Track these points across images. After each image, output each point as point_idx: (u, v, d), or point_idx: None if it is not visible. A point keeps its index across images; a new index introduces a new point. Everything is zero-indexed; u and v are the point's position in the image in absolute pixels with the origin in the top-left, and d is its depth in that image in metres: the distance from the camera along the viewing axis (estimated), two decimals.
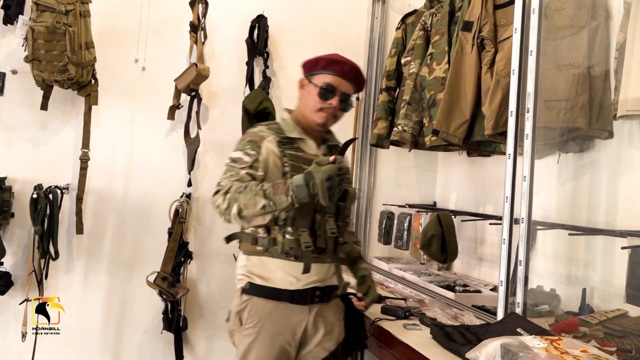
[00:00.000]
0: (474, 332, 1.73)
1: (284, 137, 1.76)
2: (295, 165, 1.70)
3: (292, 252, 1.67)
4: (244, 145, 1.72)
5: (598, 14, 1.94)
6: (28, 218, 2.60)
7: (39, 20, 2.46)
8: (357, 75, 1.80)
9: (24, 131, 2.72)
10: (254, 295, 1.72)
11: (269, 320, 1.69)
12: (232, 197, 1.58)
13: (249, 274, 1.73)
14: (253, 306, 1.71)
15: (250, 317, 1.70)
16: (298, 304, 1.71)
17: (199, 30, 2.90)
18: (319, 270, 1.72)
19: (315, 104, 1.76)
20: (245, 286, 1.73)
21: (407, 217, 2.95)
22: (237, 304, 1.75)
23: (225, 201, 1.59)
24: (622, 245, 1.68)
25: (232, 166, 1.69)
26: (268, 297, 1.70)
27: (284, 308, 1.71)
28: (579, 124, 1.91)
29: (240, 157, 1.69)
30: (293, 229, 1.66)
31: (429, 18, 2.65)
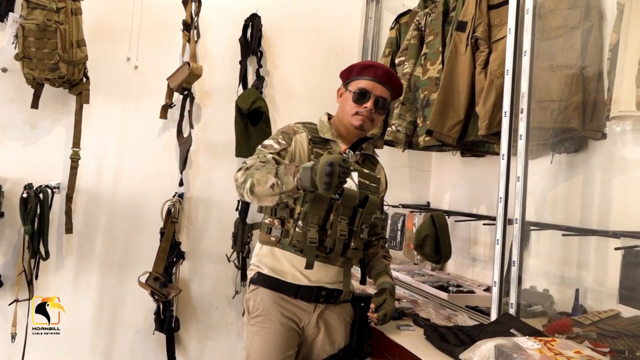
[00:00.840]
0: (468, 333, 1.72)
1: (317, 136, 1.80)
2: None
3: (298, 246, 1.68)
4: (277, 135, 1.78)
5: (591, 15, 1.94)
6: (18, 218, 2.57)
7: (29, 17, 2.43)
8: (390, 78, 1.83)
9: (14, 130, 2.69)
10: (260, 286, 1.75)
11: (274, 310, 1.72)
12: (250, 173, 1.59)
13: (259, 264, 1.78)
14: (259, 295, 1.75)
15: (256, 305, 1.74)
16: (302, 299, 1.74)
17: (191, 29, 2.87)
18: (326, 272, 1.75)
19: (351, 108, 1.79)
20: (254, 276, 1.78)
21: (400, 218, 2.95)
22: (247, 292, 1.81)
23: (243, 176, 1.61)
24: (615, 246, 1.68)
25: (260, 150, 1.73)
26: (273, 288, 1.74)
27: (287, 301, 1.74)
28: (572, 125, 1.91)
29: (271, 144, 1.73)
30: (304, 223, 1.67)
31: (423, 18, 2.65)
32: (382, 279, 1.87)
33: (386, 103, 1.83)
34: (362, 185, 1.77)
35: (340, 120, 1.85)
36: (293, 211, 1.70)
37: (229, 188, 3.02)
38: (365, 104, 1.78)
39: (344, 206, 1.69)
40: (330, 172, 1.42)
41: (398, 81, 1.88)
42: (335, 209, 1.68)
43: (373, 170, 1.89)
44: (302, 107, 3.12)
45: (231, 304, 3.03)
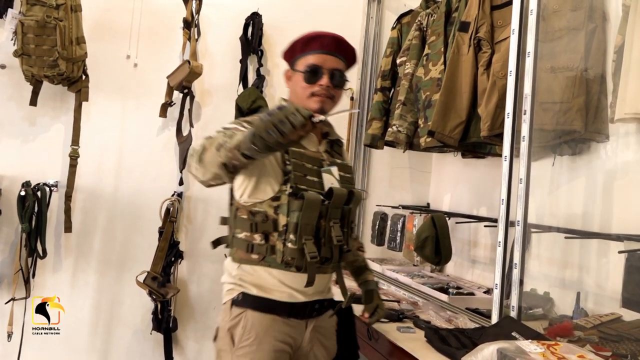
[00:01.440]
0: (469, 336, 1.71)
1: None
2: (299, 163, 1.50)
3: (293, 263, 1.46)
4: (240, 121, 1.50)
5: (595, 17, 1.93)
6: (15, 216, 2.55)
7: (28, 14, 2.41)
8: (341, 46, 1.61)
9: (12, 127, 2.67)
10: (248, 308, 1.49)
11: (268, 336, 1.47)
12: (205, 142, 1.36)
13: (242, 283, 1.51)
14: (248, 321, 1.48)
15: (245, 333, 1.47)
16: (296, 318, 1.52)
17: (192, 27, 2.86)
18: (320, 282, 1.54)
19: (304, 90, 1.56)
20: (237, 297, 1.50)
21: (400, 219, 2.93)
22: (228, 319, 1.50)
23: (195, 152, 1.36)
24: (618, 249, 1.67)
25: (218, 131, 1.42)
26: (265, 310, 1.48)
27: (280, 322, 1.50)
28: (575, 127, 1.90)
29: (232, 127, 1.43)
30: (296, 236, 1.44)
31: (425, 18, 2.64)
32: (364, 276, 1.74)
33: (343, 75, 1.61)
34: (342, 179, 1.58)
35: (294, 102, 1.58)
36: (277, 223, 1.47)
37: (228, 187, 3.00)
38: (320, 81, 1.55)
39: (335, 208, 1.50)
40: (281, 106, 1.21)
41: (349, 47, 1.64)
42: (325, 213, 1.49)
43: (342, 156, 1.69)
44: None
45: None
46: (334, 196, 1.49)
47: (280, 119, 1.17)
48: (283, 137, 1.19)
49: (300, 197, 1.45)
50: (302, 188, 1.47)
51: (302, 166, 1.51)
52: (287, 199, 1.46)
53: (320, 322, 1.58)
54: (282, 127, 1.17)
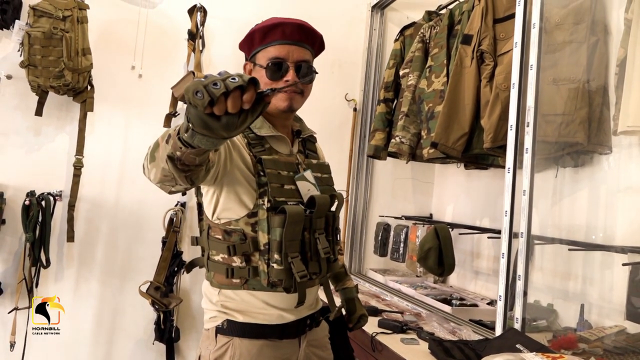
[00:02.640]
0: (473, 348, 1.71)
1: (253, 136, 1.38)
2: (274, 173, 1.35)
3: (281, 284, 1.32)
4: None
5: (597, 30, 1.95)
6: (19, 225, 2.56)
7: (35, 25, 2.43)
8: (306, 34, 1.43)
9: (17, 136, 2.68)
10: (234, 336, 1.35)
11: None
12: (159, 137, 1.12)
13: (226, 310, 1.38)
14: (236, 350, 1.34)
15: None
16: (288, 338, 1.39)
17: (197, 39, 2.88)
18: (309, 297, 1.42)
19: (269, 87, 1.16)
20: (222, 325, 1.37)
21: (403, 229, 2.94)
22: (212, 350, 1.37)
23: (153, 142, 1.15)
24: (622, 262, 1.67)
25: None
26: (253, 336, 1.35)
27: (272, 346, 1.37)
28: (577, 139, 1.91)
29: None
30: (281, 255, 1.30)
31: (428, 30, 2.66)
32: (343, 283, 1.62)
33: (311, 67, 1.44)
34: (319, 182, 1.44)
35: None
36: (256, 242, 1.33)
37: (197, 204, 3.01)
38: (286, 77, 1.38)
39: (318, 217, 1.36)
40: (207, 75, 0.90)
41: (315, 33, 1.48)
42: (309, 225, 1.35)
43: (316, 153, 1.56)
44: (306, 117, 3.08)
45: None
46: (317, 205, 1.34)
47: (213, 80, 0.86)
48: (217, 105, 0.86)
49: (280, 212, 1.30)
50: (281, 201, 1.32)
51: (278, 175, 1.35)
52: (265, 214, 1.31)
53: (313, 335, 1.48)
54: (212, 89, 0.85)
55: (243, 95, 0.88)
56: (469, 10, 2.34)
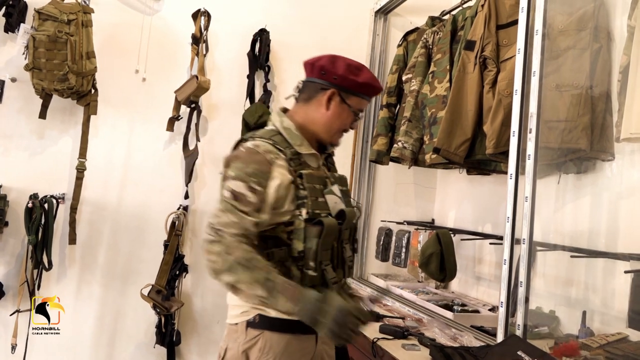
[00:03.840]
0: (474, 354, 1.70)
1: (294, 152, 1.49)
2: (312, 187, 1.46)
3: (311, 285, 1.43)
4: (248, 175, 1.39)
5: (600, 37, 1.95)
6: (22, 227, 2.57)
7: (40, 29, 2.45)
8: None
9: (21, 139, 2.70)
10: (265, 329, 1.46)
11: (286, 357, 1.46)
12: (233, 264, 1.32)
13: (259, 306, 1.45)
14: (267, 342, 1.45)
15: (263, 355, 1.45)
16: (309, 334, 1.48)
17: (200, 43, 2.90)
18: None
19: (342, 126, 1.56)
20: (253, 319, 1.47)
21: (405, 235, 2.93)
22: (242, 342, 1.47)
23: (224, 263, 1.33)
24: (625, 269, 1.67)
25: (234, 206, 1.37)
26: (282, 330, 1.46)
27: (296, 340, 1.48)
28: (580, 145, 1.91)
29: (244, 194, 1.38)
30: (315, 263, 1.42)
31: (431, 36, 2.66)
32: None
33: None
34: (342, 195, 1.57)
35: (317, 128, 1.55)
36: (291, 249, 1.43)
37: None
38: (354, 125, 1.59)
39: (345, 229, 1.50)
40: (342, 324, 1.29)
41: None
42: (338, 236, 1.48)
43: (335, 166, 1.69)
44: None
45: None
46: (347, 218, 1.49)
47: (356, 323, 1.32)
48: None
49: (317, 223, 1.41)
50: (317, 213, 1.44)
51: (314, 189, 1.47)
52: (302, 224, 1.42)
53: None
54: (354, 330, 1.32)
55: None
56: (472, 16, 2.34)
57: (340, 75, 1.53)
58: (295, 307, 1.31)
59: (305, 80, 1.64)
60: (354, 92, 1.54)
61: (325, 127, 1.55)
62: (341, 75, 1.53)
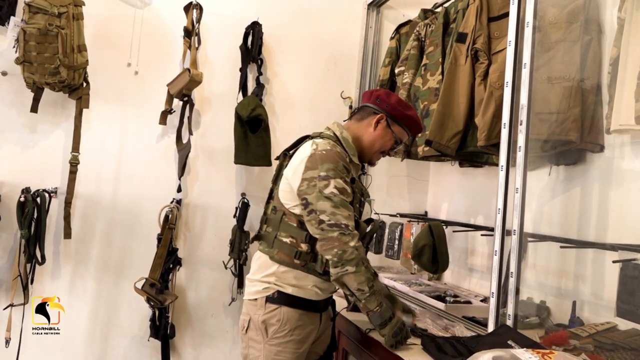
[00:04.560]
0: (465, 344, 1.72)
1: (350, 160, 1.79)
2: (357, 193, 1.78)
3: (325, 273, 1.74)
4: (341, 171, 1.70)
5: (591, 29, 1.96)
6: (15, 222, 2.56)
7: (31, 22, 2.43)
8: None
9: (12, 133, 2.68)
10: (282, 305, 1.73)
11: (299, 329, 1.74)
12: (360, 260, 1.64)
13: (279, 283, 1.74)
14: (283, 315, 1.73)
15: (281, 326, 1.72)
16: (317, 312, 1.81)
17: (192, 36, 2.88)
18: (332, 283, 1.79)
19: (382, 148, 1.86)
20: (273, 295, 1.73)
21: (398, 227, 2.95)
22: (262, 313, 1.74)
23: (354, 257, 1.63)
24: (613, 259, 1.69)
25: (344, 201, 1.67)
26: (296, 306, 1.74)
27: (307, 316, 1.77)
28: (570, 137, 1.92)
29: (345, 188, 1.68)
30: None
31: (423, 29, 2.67)
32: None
33: None
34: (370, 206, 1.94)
35: (362, 144, 1.85)
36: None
37: (226, 195, 3.02)
38: (391, 153, 1.91)
39: (369, 237, 1.81)
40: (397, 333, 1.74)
41: None
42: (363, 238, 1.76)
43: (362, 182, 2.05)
44: (301, 115, 3.13)
45: (227, 312, 3.02)
46: (373, 227, 1.83)
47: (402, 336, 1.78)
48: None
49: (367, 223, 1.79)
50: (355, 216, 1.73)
51: (355, 195, 1.76)
52: None
53: (326, 314, 1.89)
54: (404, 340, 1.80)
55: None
56: (464, 9, 2.35)
57: (391, 104, 1.84)
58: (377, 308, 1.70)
59: (362, 105, 1.93)
60: (399, 122, 1.85)
61: (368, 145, 1.85)
62: (392, 104, 1.84)
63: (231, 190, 3.04)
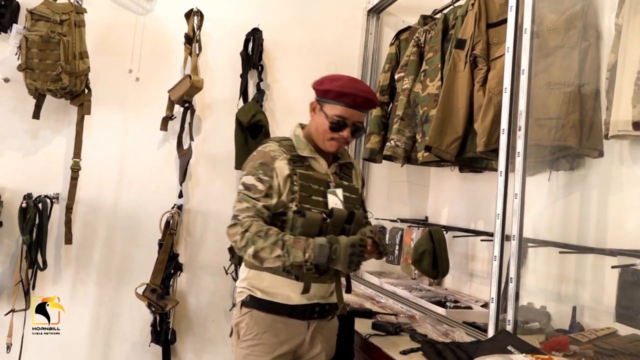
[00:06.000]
0: (465, 350, 1.72)
1: (296, 155, 1.73)
2: (305, 184, 1.68)
3: (293, 272, 1.66)
4: (256, 169, 1.68)
5: (589, 35, 1.97)
6: (16, 227, 2.58)
7: (33, 29, 2.45)
8: (371, 104, 1.76)
9: (14, 139, 2.70)
10: (253, 308, 1.71)
11: (268, 333, 1.69)
12: (250, 237, 1.58)
13: (250, 287, 1.73)
14: (252, 318, 1.71)
15: (248, 329, 1.70)
16: (297, 318, 1.71)
17: (193, 42, 2.90)
18: (319, 289, 1.72)
19: (326, 133, 1.72)
20: (246, 299, 1.73)
21: (398, 232, 2.95)
22: (237, 317, 1.75)
23: (243, 239, 1.59)
24: (612, 264, 1.69)
25: (246, 195, 1.66)
26: (268, 310, 1.70)
27: (282, 321, 1.70)
28: (569, 143, 1.93)
29: (254, 184, 1.66)
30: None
31: (423, 35, 2.68)
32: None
33: (363, 126, 1.78)
34: (346, 200, 1.74)
35: (312, 135, 1.77)
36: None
37: (227, 200, 3.00)
38: (342, 133, 1.71)
39: (334, 226, 1.66)
40: (353, 252, 1.55)
41: (376, 101, 1.78)
42: (326, 230, 1.64)
43: (350, 177, 1.85)
44: (302, 120, 3.10)
45: (228, 317, 3.02)
46: (334, 216, 1.66)
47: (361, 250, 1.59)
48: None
49: (302, 215, 1.62)
50: (306, 207, 1.65)
51: (309, 187, 1.69)
52: (292, 215, 1.64)
53: (322, 323, 1.77)
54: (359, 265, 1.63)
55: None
56: (462, 15, 2.36)
57: (316, 86, 1.77)
58: (310, 254, 1.55)
59: None
60: (325, 99, 1.72)
61: (314, 133, 1.77)
62: (316, 86, 1.77)
63: (232, 195, 3.01)
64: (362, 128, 1.78)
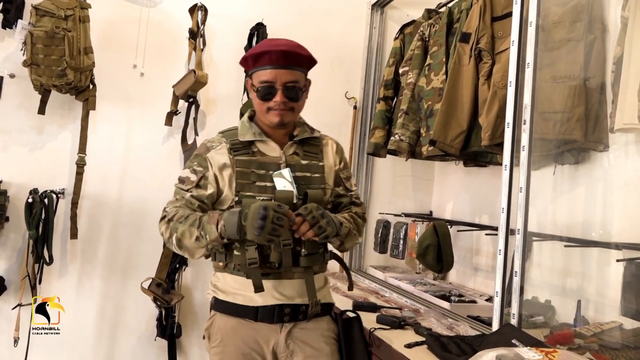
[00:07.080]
0: (469, 343, 1.73)
1: (236, 142, 1.58)
2: (245, 171, 1.54)
3: (242, 269, 1.52)
4: (192, 161, 1.60)
5: (594, 28, 1.96)
6: (23, 222, 2.59)
7: (38, 24, 2.46)
8: (291, 58, 1.54)
9: (20, 135, 2.71)
10: (218, 312, 1.59)
11: (233, 338, 1.54)
12: (173, 226, 1.49)
13: (215, 289, 1.61)
14: (216, 323, 1.58)
15: (214, 334, 1.58)
16: (263, 322, 1.54)
17: (198, 37, 2.90)
18: (286, 287, 1.54)
19: (260, 106, 1.56)
20: (212, 301, 1.62)
21: (403, 227, 2.95)
22: (206, 320, 1.65)
23: (167, 230, 1.50)
24: (617, 258, 1.69)
25: (179, 188, 1.57)
26: (230, 313, 1.56)
27: (247, 326, 1.55)
28: (574, 136, 1.92)
29: (187, 177, 1.57)
30: (240, 243, 1.49)
31: (427, 29, 2.67)
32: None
33: (298, 86, 1.56)
34: (300, 180, 1.56)
35: (259, 116, 1.62)
36: None
37: None
38: (274, 98, 1.53)
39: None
40: (263, 216, 1.34)
41: (301, 56, 1.57)
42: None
43: (317, 155, 1.66)
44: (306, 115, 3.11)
45: None
46: (276, 198, 1.49)
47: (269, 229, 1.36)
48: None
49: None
50: (247, 195, 1.51)
51: (250, 173, 1.55)
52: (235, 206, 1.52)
53: (299, 326, 1.56)
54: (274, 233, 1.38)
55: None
56: (467, 9, 2.35)
57: (241, 63, 1.64)
58: (221, 226, 1.42)
59: None
60: (251, 72, 1.59)
61: (259, 114, 1.62)
62: (241, 63, 1.64)
63: None
64: (300, 87, 1.57)
